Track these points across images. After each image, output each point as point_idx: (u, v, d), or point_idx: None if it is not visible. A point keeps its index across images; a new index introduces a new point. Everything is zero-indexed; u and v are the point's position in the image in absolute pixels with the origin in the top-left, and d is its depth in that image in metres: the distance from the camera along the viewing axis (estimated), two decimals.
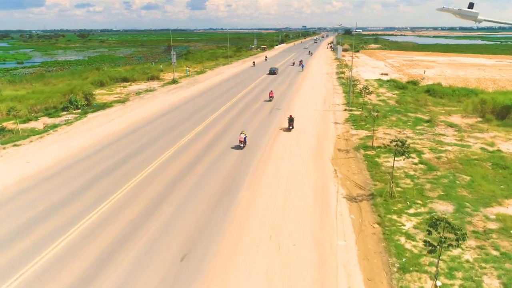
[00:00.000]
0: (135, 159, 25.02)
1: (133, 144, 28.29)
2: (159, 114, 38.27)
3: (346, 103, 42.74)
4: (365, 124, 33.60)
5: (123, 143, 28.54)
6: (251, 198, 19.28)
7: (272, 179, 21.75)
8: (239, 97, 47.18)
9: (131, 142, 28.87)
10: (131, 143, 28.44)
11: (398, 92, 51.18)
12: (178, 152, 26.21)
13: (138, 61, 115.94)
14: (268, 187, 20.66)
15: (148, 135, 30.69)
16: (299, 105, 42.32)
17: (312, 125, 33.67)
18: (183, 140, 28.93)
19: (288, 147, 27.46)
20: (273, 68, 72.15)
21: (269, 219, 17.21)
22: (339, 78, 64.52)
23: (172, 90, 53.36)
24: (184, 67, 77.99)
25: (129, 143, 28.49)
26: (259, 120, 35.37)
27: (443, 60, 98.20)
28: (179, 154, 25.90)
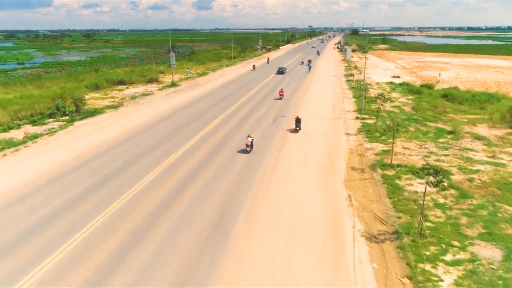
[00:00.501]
0: (117, 179, 21.65)
1: (118, 159, 24.94)
2: (153, 122, 34.91)
3: (358, 110, 39.10)
4: (380, 135, 29.98)
5: (108, 158, 25.20)
6: (248, 239, 15.80)
7: (274, 210, 18.25)
8: (241, 102, 43.72)
9: (116, 156, 25.52)
10: (117, 158, 25.09)
11: (413, 97, 47.41)
12: (166, 172, 22.82)
13: (140, 62, 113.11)
14: (269, 222, 17.17)
15: (137, 148, 27.32)
16: (306, 112, 38.75)
17: (321, 137, 30.10)
18: (172, 157, 25.51)
19: (294, 164, 23.94)
20: (282, 67, 72.64)
21: (270, 269, 13.72)
22: (348, 81, 60.82)
23: (170, 94, 50.04)
24: (186, 68, 74.74)
25: (114, 158, 25.14)
26: (261, 130, 31.88)
27: (457, 61, 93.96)
28: (168, 174, 22.50)
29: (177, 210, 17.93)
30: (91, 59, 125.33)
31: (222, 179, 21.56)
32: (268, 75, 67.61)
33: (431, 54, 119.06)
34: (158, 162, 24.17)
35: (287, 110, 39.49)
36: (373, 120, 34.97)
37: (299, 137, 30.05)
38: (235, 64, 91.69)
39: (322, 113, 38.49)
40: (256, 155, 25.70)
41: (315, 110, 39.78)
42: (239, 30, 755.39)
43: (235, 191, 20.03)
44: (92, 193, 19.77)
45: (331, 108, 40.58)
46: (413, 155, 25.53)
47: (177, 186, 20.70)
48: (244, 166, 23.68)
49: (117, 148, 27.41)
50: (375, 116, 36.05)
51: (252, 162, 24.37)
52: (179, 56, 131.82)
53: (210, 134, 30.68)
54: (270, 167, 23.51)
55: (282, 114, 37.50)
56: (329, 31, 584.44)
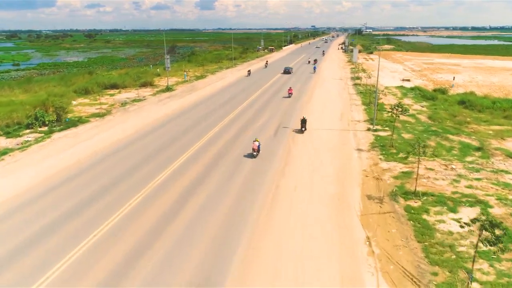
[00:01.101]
0: (89, 211, 17.95)
1: (93, 183, 21.24)
2: (139, 134, 31.18)
3: (369, 120, 35.27)
4: (397, 152, 26.15)
5: (81, 183, 21.49)
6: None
7: (272, 267, 14.50)
8: (241, 109, 39.95)
9: (92, 180, 21.82)
10: (91, 182, 21.39)
11: (427, 103, 43.52)
12: (151, 198, 19.11)
13: (138, 63, 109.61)
14: (266, 278, 13.43)
15: (116, 168, 23.61)
16: (311, 121, 34.95)
17: (330, 153, 26.28)
18: (158, 178, 21.79)
19: (298, 192, 20.17)
20: (288, 67, 72.66)
21: None
22: (355, 85, 56.96)
23: (163, 100, 46.30)
24: (183, 71, 71.02)
25: (88, 182, 21.43)
26: (262, 143, 28.11)
27: (467, 63, 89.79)
28: (153, 200, 18.79)
29: (158, 255, 14.22)
30: (89, 60, 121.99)
31: (210, 217, 17.82)
32: (267, 81, 63.75)
33: (438, 55, 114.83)
34: (140, 186, 20.47)
35: (290, 119, 35.68)
36: (387, 132, 31.14)
37: (304, 153, 26.26)
38: (236, 65, 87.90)
39: (329, 123, 34.66)
40: (256, 175, 21.95)
41: (321, 119, 35.97)
42: (241, 30, 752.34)
43: (223, 238, 16.29)
44: (64, 225, 16.08)
45: (339, 118, 36.74)
46: (438, 178, 21.70)
47: (158, 223, 16.99)
48: (240, 194, 19.94)
49: (94, 168, 23.69)
50: (390, 129, 32.22)
51: (250, 187, 20.62)
52: (179, 56, 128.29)
53: (204, 149, 26.94)
54: (270, 196, 19.72)
55: (284, 125, 33.71)
56: (332, 31, 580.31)
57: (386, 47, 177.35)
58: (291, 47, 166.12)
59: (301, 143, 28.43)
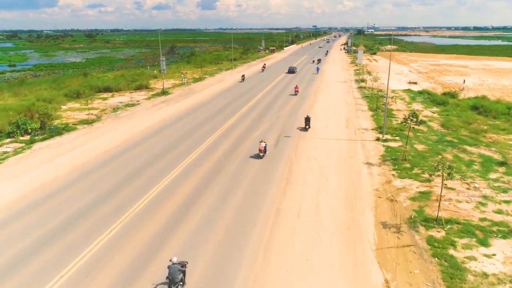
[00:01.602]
0: (63, 239, 15.42)
1: (70, 205, 18.70)
2: (128, 144, 28.59)
3: (377, 128, 32.64)
4: (411, 167, 23.54)
5: (56, 203, 18.95)
6: None
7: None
8: (240, 115, 37.38)
9: (69, 201, 19.28)
10: (68, 204, 18.85)
11: (438, 109, 40.86)
12: (133, 227, 16.57)
13: (136, 64, 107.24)
14: None
15: (100, 185, 21.06)
16: (315, 130, 32.39)
17: (336, 168, 23.67)
18: (142, 201, 19.24)
19: (301, 219, 17.59)
20: (292, 67, 73.98)
21: None
22: (360, 89, 54.35)
23: (158, 104, 43.73)
24: (181, 72, 68.44)
25: (65, 204, 18.90)
26: (261, 159, 25.54)
27: (475, 64, 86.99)
28: (137, 228, 16.25)
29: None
30: (86, 61, 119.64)
31: (206, 238, 15.28)
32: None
33: (444, 56, 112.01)
34: (124, 209, 17.93)
35: (292, 128, 33.07)
36: (398, 143, 28.54)
37: (308, 169, 23.66)
38: (236, 67, 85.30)
39: (335, 131, 32.05)
40: (254, 197, 19.38)
41: (326, 127, 33.36)
42: (243, 30, 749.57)
43: (215, 272, 13.75)
44: (12, 274, 13.55)
45: (345, 125, 34.11)
46: (462, 200, 19.09)
47: (140, 259, 14.44)
48: (236, 217, 17.39)
49: (73, 187, 21.14)
50: (401, 138, 29.60)
51: (247, 213, 18.06)
52: (179, 57, 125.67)
53: (198, 162, 24.38)
54: (270, 223, 17.15)
55: (286, 134, 31.11)
56: (334, 31, 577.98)
57: (389, 47, 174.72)
58: (292, 48, 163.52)
59: (304, 157, 25.82)
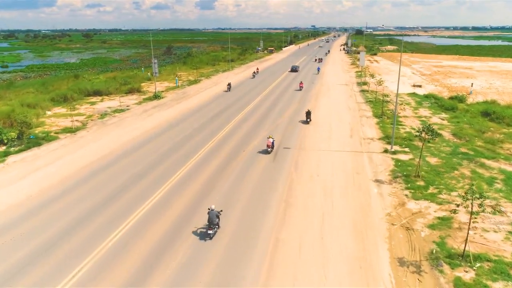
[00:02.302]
0: (28, 276, 12.87)
1: (42, 232, 16.13)
2: (111, 158, 25.97)
3: (384, 138, 30.09)
4: (426, 185, 21.02)
5: (26, 231, 16.37)
6: None
7: None
8: (236, 122, 34.82)
9: (41, 226, 16.70)
10: (41, 230, 16.27)
11: (447, 115, 38.34)
12: (111, 262, 14.00)
13: (131, 65, 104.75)
14: None
15: (73, 210, 18.46)
16: (317, 141, 29.86)
17: (342, 188, 21.10)
18: (121, 229, 16.66)
19: (303, 259, 15.05)
20: (295, 66, 77.67)
21: None
22: (362, 92, 51.80)
23: (149, 110, 41.10)
24: (175, 75, 65.82)
25: (37, 230, 16.32)
26: (258, 172, 22.99)
27: (479, 66, 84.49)
28: (115, 262, 13.69)
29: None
30: (81, 62, 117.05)
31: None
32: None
33: (446, 57, 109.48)
34: (100, 238, 15.36)
35: (290, 138, 30.49)
36: (408, 155, 26.02)
37: (310, 190, 21.12)
38: (233, 68, 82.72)
39: (338, 141, 29.50)
40: (246, 231, 16.84)
41: (329, 137, 30.81)
42: (241, 30, 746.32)
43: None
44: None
45: (349, 134, 31.57)
46: (489, 229, 16.56)
47: None
48: (223, 260, 14.86)
49: (46, 210, 18.55)
50: (411, 149, 27.06)
51: (242, 245, 15.53)
52: (175, 58, 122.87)
53: (186, 180, 21.82)
54: (266, 265, 14.60)
55: (285, 145, 28.54)
56: (332, 31, 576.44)
57: (389, 47, 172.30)
58: (291, 48, 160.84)
59: (306, 174, 23.29)
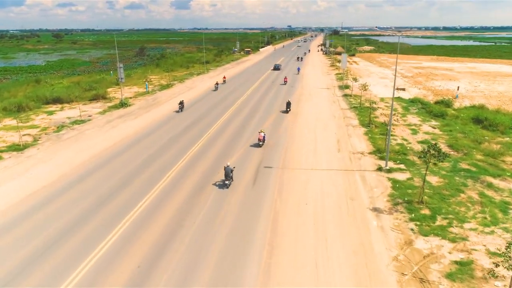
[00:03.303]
0: None
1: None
2: (60, 186, 21.77)
3: (376, 152, 27.04)
4: (433, 214, 17.96)
5: None
6: None
7: None
8: (212, 134, 31.09)
9: None
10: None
11: (438, 122, 35.83)
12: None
13: (101, 67, 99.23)
14: None
15: (4, 259, 14.42)
16: (302, 156, 26.55)
17: (335, 221, 17.73)
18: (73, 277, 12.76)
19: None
20: (278, 64, 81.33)
21: None
22: (345, 97, 48.94)
23: (113, 120, 36.81)
24: (145, 80, 61.35)
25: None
26: (234, 207, 19.43)
27: (459, 67, 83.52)
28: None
29: None
30: (47, 64, 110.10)
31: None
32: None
33: (424, 58, 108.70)
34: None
35: (273, 158, 27.06)
36: (405, 174, 23.05)
37: (298, 227, 17.71)
38: (208, 71, 78.75)
39: (325, 157, 26.25)
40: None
41: (314, 152, 27.51)
42: (218, 30, 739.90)
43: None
44: None
45: (336, 147, 28.38)
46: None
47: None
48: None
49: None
50: (406, 166, 24.07)
51: None
52: (148, 60, 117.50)
53: (154, 209, 18.01)
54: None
55: (266, 164, 25.08)
56: (308, 30, 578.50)
57: (366, 48, 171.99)
58: (268, 49, 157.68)
59: (292, 203, 19.89)
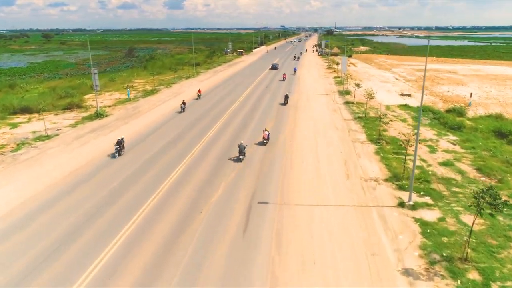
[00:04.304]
0: None
1: None
2: (4, 227, 16.98)
3: (393, 178, 22.44)
4: (485, 280, 13.43)
5: None
6: None
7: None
8: (197, 153, 26.31)
9: None
10: None
11: (456, 137, 31.38)
12: None
13: (86, 70, 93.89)
14: None
15: None
16: (301, 184, 21.90)
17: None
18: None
19: None
20: (275, 64, 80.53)
21: None
22: (347, 104, 44.38)
23: (84, 136, 31.85)
24: (126, 85, 56.23)
25: None
26: (220, 262, 14.74)
27: (462, 69, 79.37)
28: None
29: None
30: (29, 66, 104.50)
31: None
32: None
33: (423, 59, 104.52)
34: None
35: (268, 189, 22.37)
36: (434, 212, 18.44)
37: None
38: (199, 74, 73.80)
39: (331, 185, 21.59)
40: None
41: (317, 176, 22.86)
42: (211, 30, 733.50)
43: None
44: None
45: (344, 172, 23.71)
46: None
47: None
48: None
49: None
50: (432, 199, 19.48)
51: None
52: (137, 61, 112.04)
53: (121, 261, 13.25)
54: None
55: (261, 198, 20.35)
56: (302, 30, 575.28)
57: (362, 48, 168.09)
58: (262, 50, 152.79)
59: (296, 262, 15.23)
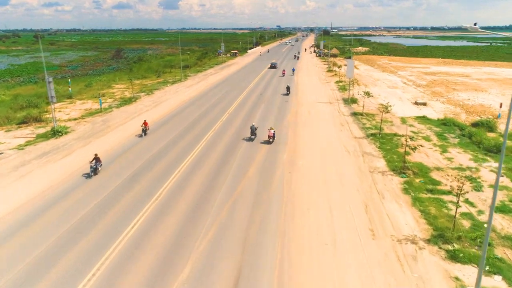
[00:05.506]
0: None
1: None
2: None
3: (437, 237, 15.98)
4: None
5: None
6: None
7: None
8: (174, 183, 19.73)
9: None
10: None
11: (502, 164, 24.96)
12: None
13: (68, 73, 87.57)
14: None
15: None
16: (312, 256, 15.41)
17: None
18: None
19: None
20: (274, 62, 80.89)
21: None
22: (355, 116, 37.91)
23: (30, 162, 25.04)
24: (98, 94, 49.46)
25: None
26: None
27: (475, 72, 73.09)
28: None
29: None
30: (7, 69, 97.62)
31: None
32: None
33: (429, 60, 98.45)
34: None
35: (266, 233, 15.86)
36: (492, 280, 11.98)
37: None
38: (187, 78, 66.98)
39: (352, 257, 15.06)
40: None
41: (332, 242, 16.29)
42: (207, 30, 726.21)
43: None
44: None
45: (366, 227, 17.08)
46: None
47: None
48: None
49: None
50: (492, 269, 13.03)
51: None
52: (125, 63, 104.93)
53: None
54: None
55: (257, 242, 13.83)
56: (298, 31, 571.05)
57: (361, 49, 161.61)
58: (257, 50, 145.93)
59: None
